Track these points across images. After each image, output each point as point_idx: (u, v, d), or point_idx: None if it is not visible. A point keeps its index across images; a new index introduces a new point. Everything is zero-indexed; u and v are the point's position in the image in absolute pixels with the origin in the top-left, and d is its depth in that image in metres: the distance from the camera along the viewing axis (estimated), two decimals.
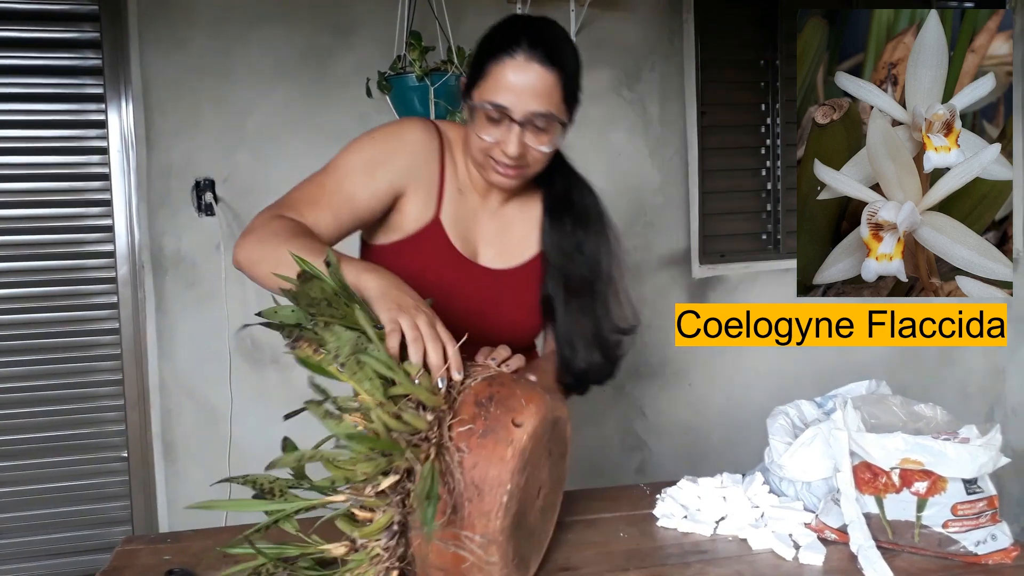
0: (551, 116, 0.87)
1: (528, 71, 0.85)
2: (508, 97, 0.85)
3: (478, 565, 0.67)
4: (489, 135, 0.87)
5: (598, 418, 2.27)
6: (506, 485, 0.66)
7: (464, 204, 0.97)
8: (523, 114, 0.86)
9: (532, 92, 0.85)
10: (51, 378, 1.94)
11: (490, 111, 0.86)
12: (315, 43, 2.00)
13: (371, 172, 0.91)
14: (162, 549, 0.87)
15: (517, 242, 0.99)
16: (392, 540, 0.67)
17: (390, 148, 0.93)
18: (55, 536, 1.95)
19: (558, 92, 0.87)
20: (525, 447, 0.68)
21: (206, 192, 1.95)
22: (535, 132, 0.87)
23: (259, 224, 0.86)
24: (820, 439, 0.89)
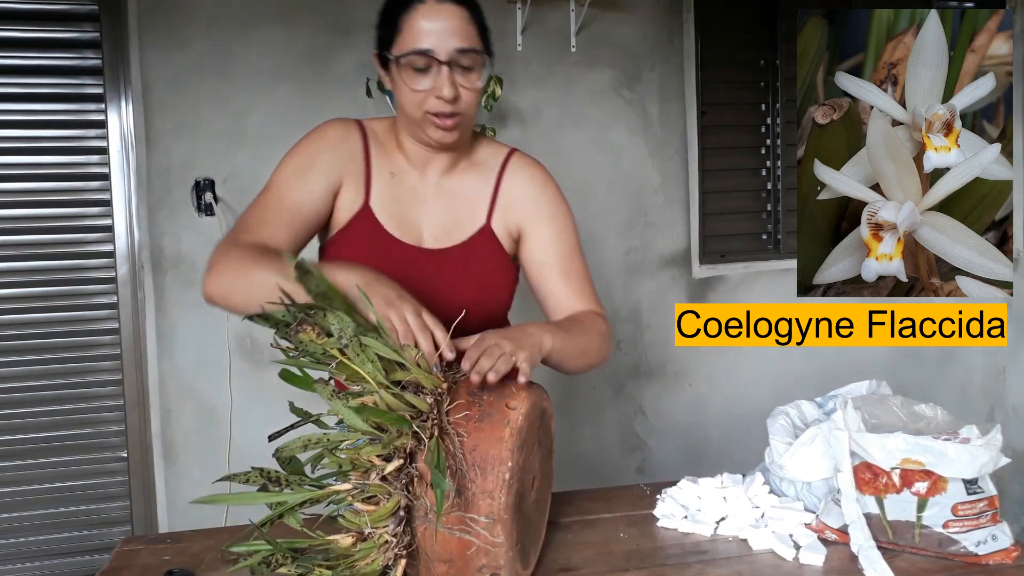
0: (474, 50, 0.88)
1: (440, 11, 0.87)
2: (430, 40, 0.87)
3: (484, 548, 0.68)
4: (420, 84, 0.88)
5: (598, 418, 2.27)
6: (507, 463, 0.68)
7: (399, 187, 0.97)
8: (448, 53, 0.87)
9: (450, 31, 0.87)
10: (51, 378, 1.94)
11: (415, 60, 0.87)
12: (315, 43, 2.00)
13: (303, 177, 0.93)
14: (162, 549, 0.87)
15: (460, 219, 0.98)
16: (399, 527, 0.67)
17: (314, 150, 0.95)
18: (54, 536, 1.94)
19: (473, 26, 0.89)
20: (521, 427, 0.71)
21: (206, 192, 1.95)
22: (463, 72, 0.89)
23: (219, 257, 0.87)
24: (820, 439, 0.89)
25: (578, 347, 0.91)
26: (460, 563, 0.70)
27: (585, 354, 0.93)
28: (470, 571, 0.70)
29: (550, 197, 1.00)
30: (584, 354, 0.92)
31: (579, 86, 2.17)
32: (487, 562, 0.69)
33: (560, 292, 0.98)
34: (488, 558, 0.69)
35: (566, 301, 0.98)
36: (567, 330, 0.90)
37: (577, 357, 0.91)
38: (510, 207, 0.98)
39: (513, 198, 0.99)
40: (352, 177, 0.96)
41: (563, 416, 2.22)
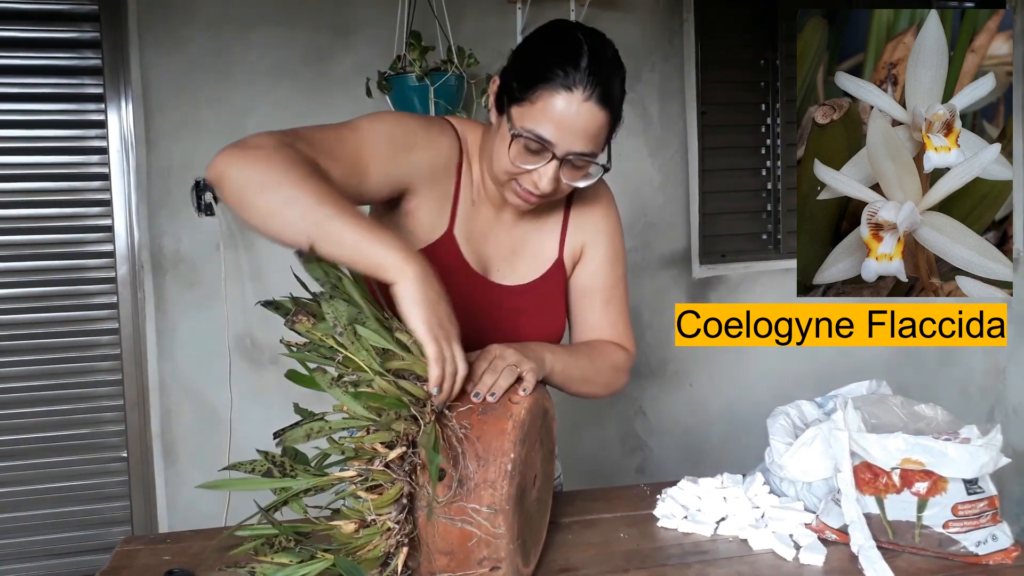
0: (592, 155, 0.81)
1: (582, 110, 0.77)
2: (555, 132, 0.78)
3: (485, 540, 0.68)
4: (525, 163, 0.81)
5: (598, 418, 2.27)
6: (509, 454, 0.69)
7: (477, 218, 0.91)
8: (565, 152, 0.79)
9: (582, 133, 0.78)
10: (50, 378, 1.94)
11: (530, 141, 0.79)
12: (315, 43, 2.00)
13: (393, 152, 0.82)
14: (161, 549, 0.87)
15: (533, 255, 0.94)
16: (401, 514, 0.68)
17: (417, 139, 0.85)
18: (54, 536, 1.94)
19: (605, 132, 0.81)
20: (524, 420, 0.72)
21: (206, 192, 1.95)
22: (571, 169, 0.82)
23: (265, 143, 0.70)
24: (821, 439, 0.89)
25: (581, 372, 0.90)
26: (461, 555, 0.70)
27: (589, 381, 0.91)
28: (471, 563, 0.70)
29: (612, 222, 0.97)
30: (588, 381, 0.91)
31: None
32: (488, 554, 0.69)
33: (593, 320, 0.96)
34: (489, 550, 0.69)
35: (595, 330, 0.96)
36: (573, 353, 0.89)
37: (580, 383, 0.90)
38: (578, 230, 0.96)
39: (581, 221, 0.95)
40: (437, 195, 0.88)
41: (563, 416, 2.21)
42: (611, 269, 0.96)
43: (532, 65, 0.79)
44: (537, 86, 0.78)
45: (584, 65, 0.77)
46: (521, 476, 0.72)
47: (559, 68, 0.77)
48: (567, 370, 0.87)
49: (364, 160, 0.79)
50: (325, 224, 0.67)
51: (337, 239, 0.67)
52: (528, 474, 0.76)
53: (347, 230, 0.67)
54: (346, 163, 0.77)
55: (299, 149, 0.72)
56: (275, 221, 0.69)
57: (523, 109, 0.79)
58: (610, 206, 0.98)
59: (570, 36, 0.81)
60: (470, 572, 0.70)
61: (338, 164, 0.76)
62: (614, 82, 0.80)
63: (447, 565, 0.70)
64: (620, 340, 0.97)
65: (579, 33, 0.81)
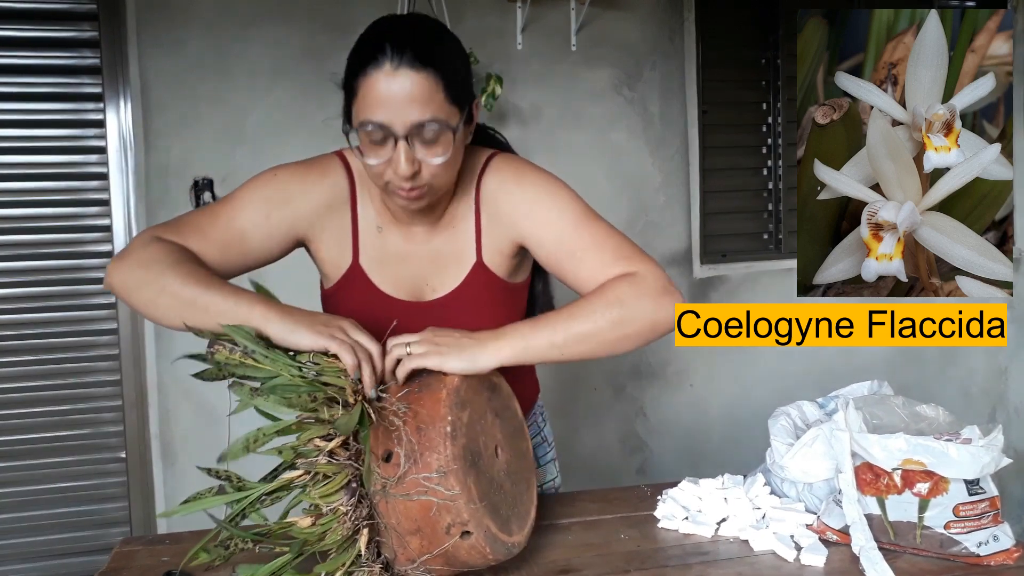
0: (438, 122, 0.78)
1: (398, 78, 0.76)
2: (384, 112, 0.77)
3: (445, 505, 0.70)
4: (376, 157, 0.79)
5: (598, 419, 2.27)
6: (446, 417, 0.72)
7: (387, 243, 0.91)
8: (404, 127, 0.77)
9: (408, 100, 0.77)
10: (49, 378, 1.94)
11: (371, 131, 0.78)
12: (314, 42, 1.99)
13: (267, 213, 0.86)
14: (160, 550, 0.86)
15: (454, 262, 0.92)
16: (353, 498, 0.70)
17: (291, 191, 0.88)
18: (53, 537, 1.94)
19: (440, 94, 0.78)
20: (458, 387, 0.75)
21: (204, 192, 1.94)
22: (425, 144, 0.79)
23: (137, 247, 0.81)
24: (822, 440, 0.89)
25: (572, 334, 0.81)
26: (428, 529, 0.71)
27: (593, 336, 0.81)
28: (439, 534, 0.71)
29: (525, 189, 0.89)
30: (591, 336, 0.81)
31: (579, 85, 2.16)
32: (452, 519, 0.70)
33: (579, 276, 0.87)
34: (451, 514, 0.70)
35: (590, 283, 0.86)
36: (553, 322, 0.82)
37: (579, 343, 0.81)
38: (494, 228, 0.91)
39: (494, 219, 0.90)
40: (333, 233, 0.90)
41: (563, 417, 2.22)
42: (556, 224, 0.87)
43: (348, 66, 0.82)
44: (354, 80, 0.80)
45: (387, 40, 0.78)
46: (467, 439, 0.73)
47: (365, 55, 0.79)
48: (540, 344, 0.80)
49: (237, 231, 0.86)
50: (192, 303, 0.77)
51: (203, 312, 0.76)
52: (480, 440, 0.76)
53: (212, 302, 0.76)
54: (220, 240, 0.85)
55: (168, 240, 0.83)
56: (155, 312, 0.79)
57: (355, 109, 0.81)
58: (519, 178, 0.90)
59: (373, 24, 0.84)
60: (444, 545, 0.71)
61: (211, 243, 0.85)
62: (426, 42, 0.79)
63: (420, 545, 0.71)
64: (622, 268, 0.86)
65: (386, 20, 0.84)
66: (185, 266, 0.79)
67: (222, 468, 0.71)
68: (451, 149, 0.80)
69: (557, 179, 0.91)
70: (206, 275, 0.80)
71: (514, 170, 0.91)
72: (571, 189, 0.91)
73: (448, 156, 0.80)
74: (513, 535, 0.77)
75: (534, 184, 0.90)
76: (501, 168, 0.91)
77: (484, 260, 0.92)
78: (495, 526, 0.73)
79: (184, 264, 0.79)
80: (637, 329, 0.83)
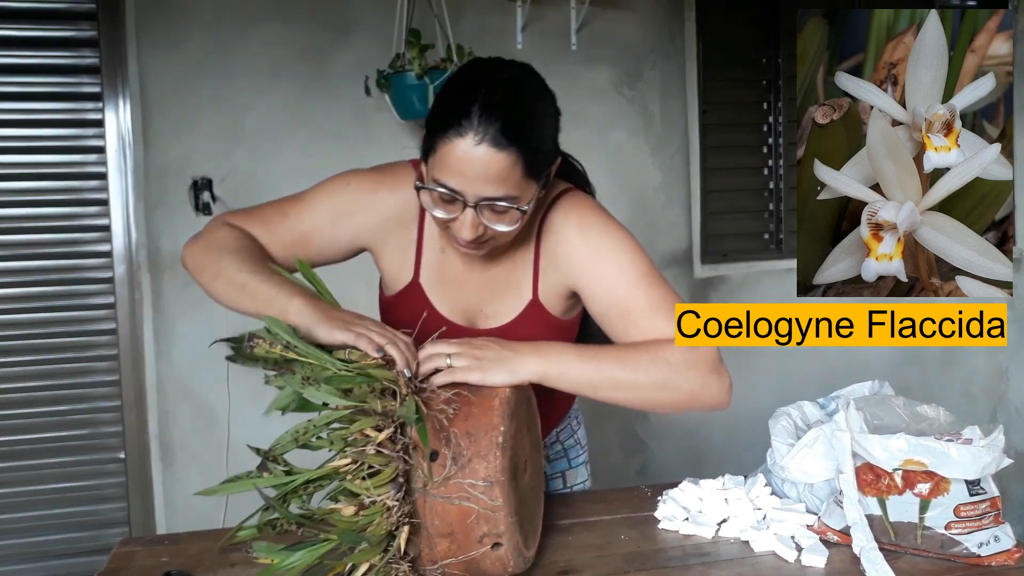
0: (509, 199, 0.77)
1: (478, 155, 0.74)
2: (457, 180, 0.76)
3: (484, 514, 0.69)
4: (443, 212, 0.79)
5: (599, 420, 2.27)
6: (499, 427, 0.71)
7: (448, 265, 0.91)
8: (475, 198, 0.77)
9: (484, 177, 0.75)
10: (47, 379, 1.93)
11: (442, 193, 0.78)
12: (314, 41, 1.99)
13: (333, 221, 0.89)
14: (159, 551, 0.86)
15: (511, 294, 0.91)
16: (399, 493, 0.69)
17: (360, 203, 0.88)
18: (52, 538, 1.94)
19: (517, 171, 0.76)
20: (510, 398, 0.75)
21: (204, 191, 1.94)
22: (493, 213, 0.78)
23: (209, 230, 0.87)
24: (822, 440, 0.89)
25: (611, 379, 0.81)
26: (461, 535, 0.70)
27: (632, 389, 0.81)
28: (471, 542, 0.70)
29: (588, 240, 0.87)
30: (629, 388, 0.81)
31: (580, 84, 2.16)
32: (488, 529, 0.70)
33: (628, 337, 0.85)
34: (489, 524, 0.70)
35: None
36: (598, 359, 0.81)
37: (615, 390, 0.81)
38: (551, 270, 0.89)
39: (555, 261, 0.88)
40: (397, 248, 0.90)
41: None
42: (611, 282, 0.86)
43: (433, 115, 0.80)
44: (435, 136, 0.78)
45: (475, 107, 0.75)
46: (512, 452, 0.73)
47: (451, 114, 0.76)
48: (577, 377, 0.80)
49: (303, 233, 0.89)
50: (243, 288, 0.80)
51: (251, 298, 0.80)
52: (519, 454, 0.76)
53: (259, 289, 0.79)
54: (284, 238, 0.89)
55: (236, 227, 0.87)
56: (213, 294, 0.84)
57: (431, 160, 0.79)
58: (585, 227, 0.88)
59: (466, 77, 0.80)
60: (472, 552, 0.70)
61: (276, 239, 0.89)
62: (513, 118, 0.76)
63: (448, 548, 0.71)
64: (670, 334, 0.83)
65: (479, 71, 0.80)
66: (243, 252, 0.82)
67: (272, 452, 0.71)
68: (520, 223, 0.80)
69: (623, 230, 0.89)
70: (260, 262, 0.82)
71: (579, 216, 0.89)
72: (636, 242, 0.88)
73: (515, 227, 0.80)
74: (530, 548, 0.78)
75: (599, 236, 0.88)
76: (568, 212, 0.89)
77: (540, 298, 0.91)
78: (521, 540, 0.74)
79: (242, 251, 0.83)
80: (676, 398, 0.83)
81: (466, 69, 0.83)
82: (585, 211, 0.90)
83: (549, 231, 0.89)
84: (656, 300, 0.86)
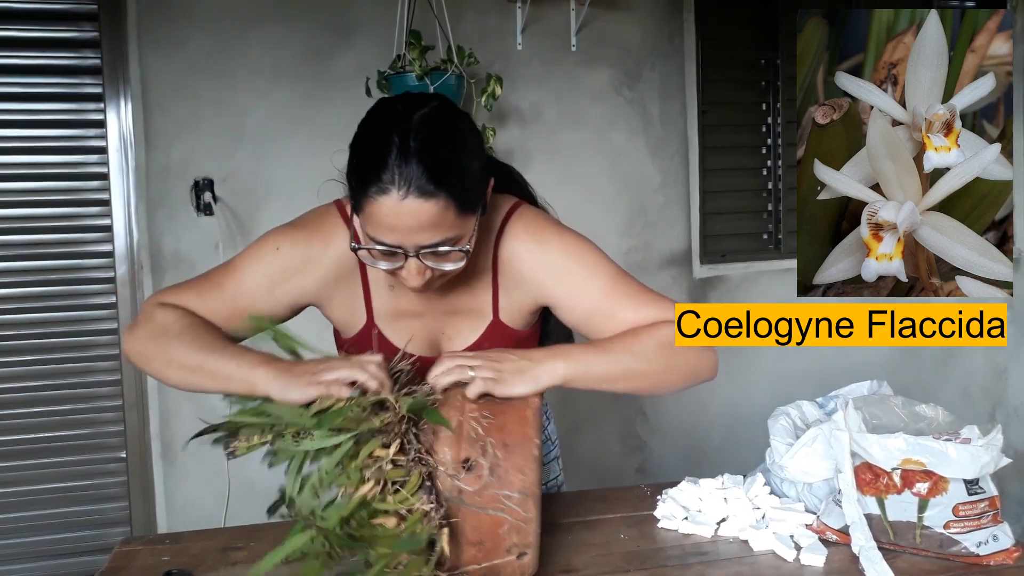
0: (449, 241, 0.76)
1: (406, 208, 0.73)
2: (393, 236, 0.75)
3: (516, 525, 0.70)
4: (386, 264, 0.79)
5: (598, 419, 2.27)
6: (534, 439, 0.72)
7: (402, 300, 0.89)
8: (415, 248, 0.76)
9: (418, 228, 0.74)
10: (49, 378, 1.94)
11: (381, 249, 0.77)
12: (315, 42, 1.99)
13: (269, 289, 0.86)
14: (160, 550, 0.87)
15: (470, 314, 0.91)
16: (431, 495, 0.69)
17: (293, 267, 0.86)
18: (53, 537, 1.94)
19: (451, 213, 0.75)
20: (539, 408, 0.76)
21: (205, 192, 1.94)
22: (436, 257, 0.78)
23: (145, 317, 0.84)
24: (821, 440, 0.89)
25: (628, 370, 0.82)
26: (490, 543, 0.71)
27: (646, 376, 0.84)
28: (500, 551, 0.71)
29: (551, 256, 0.87)
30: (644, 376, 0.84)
31: (579, 85, 2.16)
32: (518, 540, 0.70)
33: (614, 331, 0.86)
34: (519, 536, 0.70)
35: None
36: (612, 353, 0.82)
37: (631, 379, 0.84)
38: (514, 290, 0.89)
39: (515, 281, 0.89)
40: (343, 295, 0.89)
41: (563, 416, 2.21)
42: (586, 292, 0.86)
43: (352, 171, 0.78)
44: (359, 196, 0.76)
45: (391, 160, 0.73)
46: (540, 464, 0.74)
47: (369, 171, 0.74)
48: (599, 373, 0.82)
49: (242, 305, 0.86)
50: (199, 370, 0.79)
51: (211, 378, 0.79)
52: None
53: (217, 367, 0.78)
54: (224, 311, 0.85)
55: (173, 309, 0.84)
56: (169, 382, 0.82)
57: (362, 218, 0.77)
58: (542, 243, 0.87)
59: (376, 126, 0.77)
60: (498, 561, 0.71)
61: (216, 313, 0.85)
62: (434, 162, 0.74)
63: (475, 556, 0.71)
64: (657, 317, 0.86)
65: (388, 117, 0.77)
66: (189, 333, 0.80)
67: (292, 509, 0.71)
68: (464, 258, 0.80)
69: (581, 237, 0.89)
70: (211, 339, 0.80)
71: (534, 235, 0.88)
72: (595, 246, 0.89)
73: (461, 264, 0.80)
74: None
75: (559, 250, 0.87)
76: (521, 232, 0.88)
77: (501, 318, 0.91)
78: (540, 551, 0.74)
79: (188, 331, 0.80)
80: (680, 378, 0.86)
81: (374, 116, 0.80)
82: (538, 228, 0.89)
83: (505, 254, 0.88)
84: (633, 295, 0.87)
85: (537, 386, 0.78)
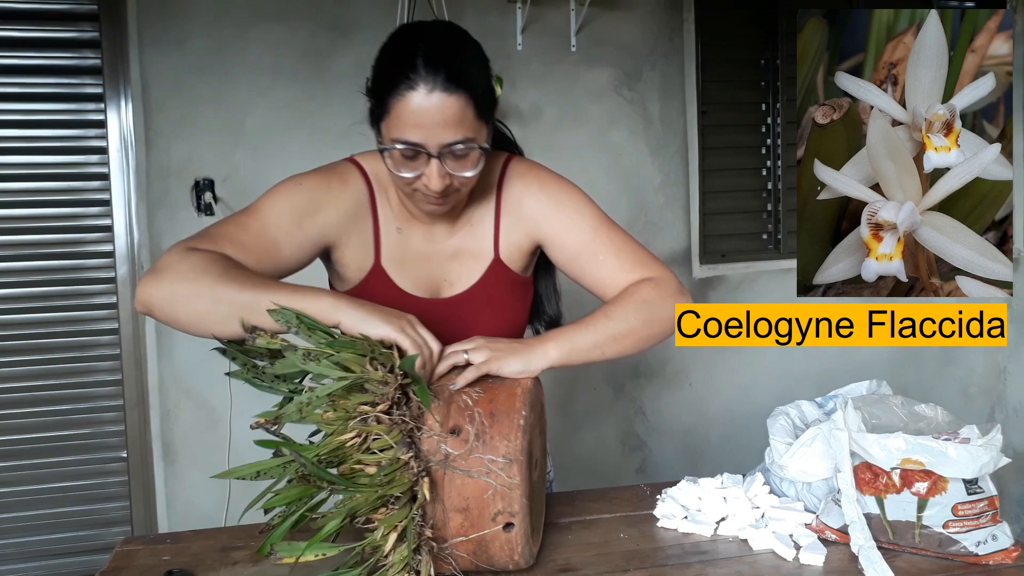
0: (469, 141, 0.82)
1: (433, 102, 0.79)
2: (418, 133, 0.80)
3: (501, 492, 0.71)
4: (408, 171, 0.83)
5: (598, 418, 2.27)
6: (520, 411, 0.74)
7: (408, 243, 0.94)
8: (438, 147, 0.81)
9: (443, 123, 0.80)
10: (50, 378, 1.94)
11: (404, 149, 0.81)
12: (314, 42, 1.99)
13: (298, 222, 0.87)
14: (161, 550, 0.87)
15: (471, 258, 0.96)
16: (411, 451, 0.71)
17: (319, 201, 0.89)
18: (54, 536, 1.94)
19: (471, 112, 0.81)
20: (530, 389, 0.78)
21: (205, 192, 1.95)
22: (456, 160, 0.83)
23: (174, 261, 0.78)
24: (821, 439, 0.89)
25: (607, 334, 0.87)
26: (476, 511, 0.72)
27: (623, 336, 0.88)
28: (485, 519, 0.71)
29: (549, 194, 0.95)
30: (626, 335, 0.88)
31: (579, 85, 2.17)
32: (503, 507, 0.71)
33: (599, 277, 0.94)
34: (504, 502, 0.71)
35: (609, 286, 0.93)
36: (587, 324, 0.88)
37: (613, 343, 0.88)
38: (513, 229, 0.96)
39: (514, 219, 0.95)
40: (357, 235, 0.92)
41: (563, 416, 2.22)
42: (577, 228, 0.94)
43: (377, 79, 0.84)
44: (386, 97, 0.82)
45: (419, 60, 0.80)
46: (530, 438, 0.76)
47: (398, 72, 0.80)
48: (585, 346, 0.86)
49: (271, 240, 0.86)
50: (254, 306, 0.76)
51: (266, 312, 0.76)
52: (534, 446, 0.79)
53: (277, 300, 0.76)
54: (255, 249, 0.84)
55: (205, 252, 0.80)
56: (208, 321, 0.77)
57: (386, 122, 0.83)
58: (542, 183, 0.96)
59: (401, 39, 0.85)
60: (485, 531, 0.71)
61: (248, 252, 0.83)
62: (459, 61, 0.81)
63: (461, 525, 0.72)
64: (640, 274, 0.93)
65: (412, 31, 0.86)
66: (235, 271, 0.79)
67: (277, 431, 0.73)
68: (481, 163, 0.85)
69: (575, 185, 0.97)
70: (259, 278, 0.81)
71: (535, 174, 0.97)
72: (588, 196, 0.97)
73: (478, 168, 0.85)
74: (534, 545, 0.79)
75: (558, 190, 0.96)
76: (523, 173, 0.97)
77: (501, 257, 0.96)
78: (530, 530, 0.76)
79: (233, 270, 0.79)
80: (663, 328, 0.92)
81: (398, 34, 0.86)
82: (538, 169, 0.98)
83: (508, 189, 0.96)
84: (617, 242, 0.95)
85: (529, 365, 0.82)
